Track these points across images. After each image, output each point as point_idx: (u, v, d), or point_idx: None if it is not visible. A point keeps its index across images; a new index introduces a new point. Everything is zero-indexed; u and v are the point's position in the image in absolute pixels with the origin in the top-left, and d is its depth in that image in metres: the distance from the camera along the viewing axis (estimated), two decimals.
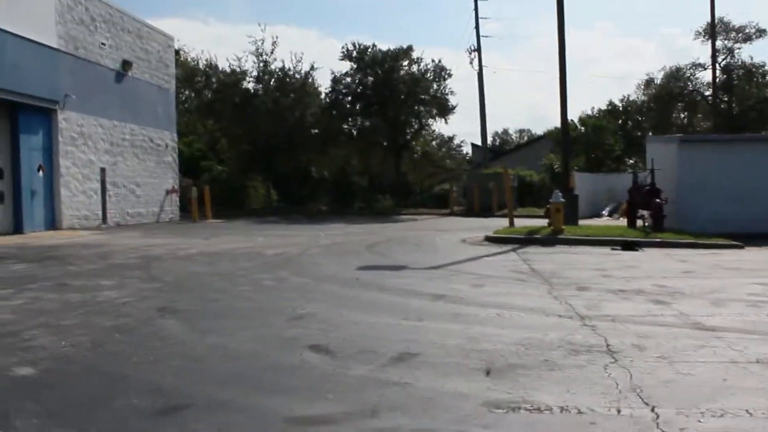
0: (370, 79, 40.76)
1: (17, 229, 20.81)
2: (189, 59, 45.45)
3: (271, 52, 41.13)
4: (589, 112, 51.16)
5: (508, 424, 4.04)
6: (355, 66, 41.04)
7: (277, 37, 49.51)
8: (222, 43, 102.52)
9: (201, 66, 43.56)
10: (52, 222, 22.54)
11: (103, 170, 25.56)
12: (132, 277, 10.46)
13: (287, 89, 41.22)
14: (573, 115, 48.72)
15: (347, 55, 41.14)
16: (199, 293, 8.93)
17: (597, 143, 44.46)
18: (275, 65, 41.54)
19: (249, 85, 42.02)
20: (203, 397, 4.47)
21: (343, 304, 8.08)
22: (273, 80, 41.56)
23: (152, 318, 7.19)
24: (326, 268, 11.78)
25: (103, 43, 25.69)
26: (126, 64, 27.17)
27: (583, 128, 46.00)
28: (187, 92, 45.13)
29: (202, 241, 17.73)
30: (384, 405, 4.31)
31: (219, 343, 6.00)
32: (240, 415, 4.15)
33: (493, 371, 5.03)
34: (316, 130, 42.15)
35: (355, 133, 42.65)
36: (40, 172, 22.07)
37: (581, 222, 21.55)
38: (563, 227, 17.84)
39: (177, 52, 36.65)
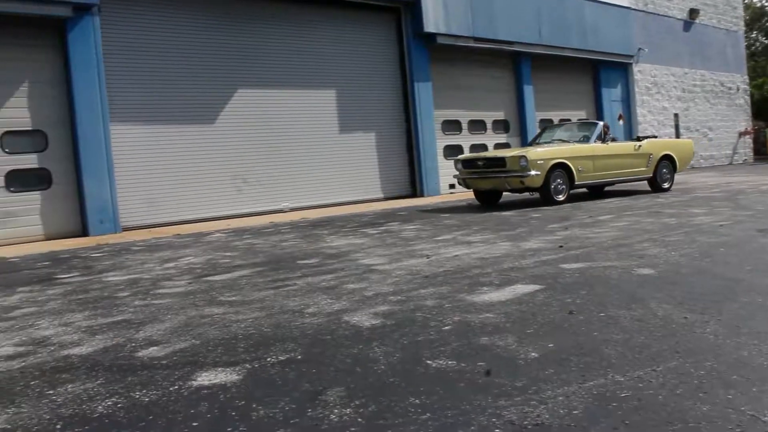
0: None
1: None
2: (754, 2, 41.84)
3: None
4: None
5: None
6: None
7: None
8: None
9: None
10: None
11: (676, 116, 25.23)
12: (720, 207, 10.10)
13: None
14: None
15: None
16: None
17: None
18: None
19: None
20: None
21: None
22: None
23: (754, 237, 6.83)
24: None
25: None
26: (693, 12, 26.18)
27: None
28: (754, 34, 41.68)
29: None
30: None
31: None
32: None
33: None
34: None
35: None
36: (620, 121, 22.73)
37: None
38: None
39: None
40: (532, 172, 11.64)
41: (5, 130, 11.36)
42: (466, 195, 16.48)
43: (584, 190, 14.29)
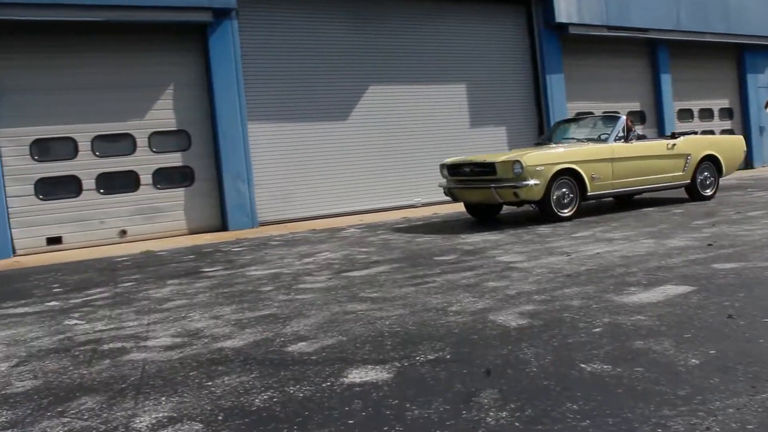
0: None
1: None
2: None
3: None
4: None
5: None
6: None
7: None
8: None
9: None
10: None
11: None
12: None
13: None
14: None
15: None
16: None
17: None
18: None
19: None
20: None
21: None
22: None
23: None
24: None
25: None
26: None
27: None
28: None
29: None
30: None
31: None
32: None
33: None
34: None
35: None
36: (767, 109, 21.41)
37: None
38: None
39: None
40: (531, 182, 9.23)
41: (153, 131, 12.01)
42: None
43: (609, 199, 11.73)
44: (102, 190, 11.59)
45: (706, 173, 11.34)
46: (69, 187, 11.41)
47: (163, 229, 12.02)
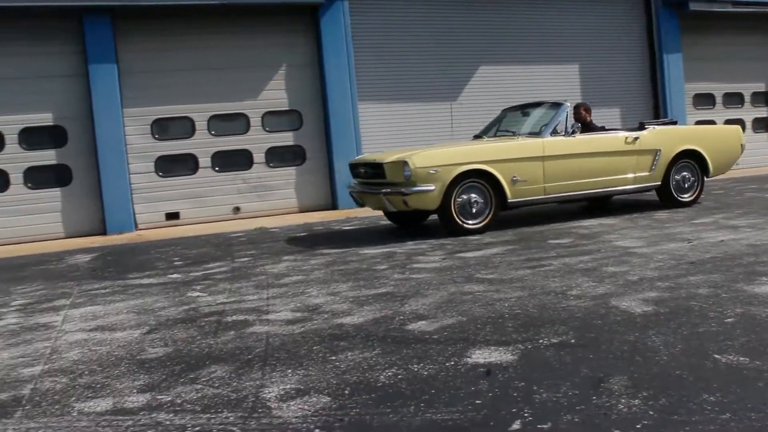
0: None
1: None
2: None
3: None
4: None
5: None
6: None
7: None
8: None
9: None
10: None
11: None
12: None
13: None
14: None
15: None
16: None
17: None
18: None
19: None
20: None
21: None
22: None
23: None
24: None
25: None
26: None
27: None
28: None
29: None
30: None
31: None
32: None
33: None
34: None
35: None
36: None
37: None
38: None
39: None
40: (424, 187, 7.58)
41: (266, 111, 12.32)
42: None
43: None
44: (217, 168, 12.00)
45: (684, 173, 9.19)
46: (186, 164, 11.87)
47: (275, 206, 12.34)
